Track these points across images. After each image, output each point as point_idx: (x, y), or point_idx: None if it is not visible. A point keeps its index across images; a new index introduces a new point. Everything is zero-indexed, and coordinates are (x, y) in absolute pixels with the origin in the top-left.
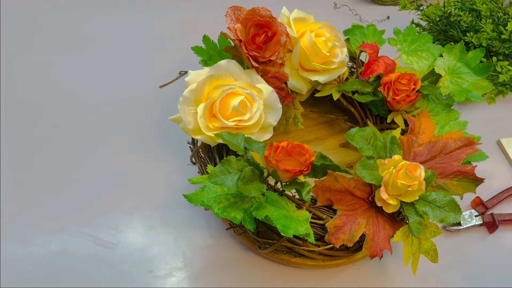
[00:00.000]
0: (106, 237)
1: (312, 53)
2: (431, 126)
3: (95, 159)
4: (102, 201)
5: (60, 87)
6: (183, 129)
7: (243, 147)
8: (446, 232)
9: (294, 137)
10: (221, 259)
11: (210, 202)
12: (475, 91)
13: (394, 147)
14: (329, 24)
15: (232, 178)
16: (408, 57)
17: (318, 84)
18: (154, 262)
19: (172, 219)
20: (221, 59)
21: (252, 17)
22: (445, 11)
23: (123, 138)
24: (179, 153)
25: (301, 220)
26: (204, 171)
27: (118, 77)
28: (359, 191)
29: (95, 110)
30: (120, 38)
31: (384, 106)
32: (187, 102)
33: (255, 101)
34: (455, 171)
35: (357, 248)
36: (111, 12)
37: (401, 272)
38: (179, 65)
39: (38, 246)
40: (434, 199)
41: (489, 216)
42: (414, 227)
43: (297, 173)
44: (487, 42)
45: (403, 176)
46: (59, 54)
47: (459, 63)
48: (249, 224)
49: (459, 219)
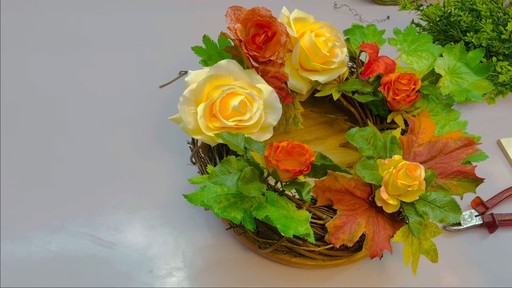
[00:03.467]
0: (106, 237)
1: (312, 53)
2: (431, 126)
3: (95, 159)
4: (102, 201)
5: (60, 87)
6: (183, 129)
7: (243, 147)
8: (446, 232)
9: (294, 137)
10: (221, 259)
11: (210, 202)
12: (475, 91)
13: (394, 147)
14: (329, 24)
15: (232, 178)
16: (408, 57)
17: (318, 84)
18: (154, 262)
19: (172, 219)
20: (221, 59)
21: (252, 17)
22: (445, 11)
23: (123, 138)
24: (179, 153)
25: (301, 220)
26: (204, 171)
27: (118, 77)
28: (359, 191)
29: (95, 110)
30: (120, 38)
31: (384, 106)
32: (187, 102)
33: (255, 101)
34: (455, 171)
35: (357, 248)
36: (111, 12)
37: (401, 272)
38: (179, 65)
39: (38, 246)
40: (434, 199)
41: (489, 216)
42: (414, 227)
43: (297, 173)
44: (487, 42)
45: (403, 176)
46: (59, 54)
47: (459, 63)
48: (249, 224)
49: (459, 219)
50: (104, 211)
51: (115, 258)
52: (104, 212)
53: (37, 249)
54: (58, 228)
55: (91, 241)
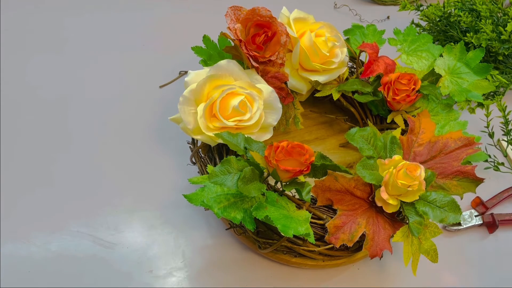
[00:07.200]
0: (106, 237)
1: (312, 53)
2: (431, 126)
3: (95, 159)
4: (102, 201)
5: (60, 87)
6: (183, 129)
7: (243, 147)
8: (446, 232)
9: (294, 137)
10: (221, 259)
11: (210, 202)
12: (475, 91)
13: (394, 147)
14: (329, 24)
15: (232, 178)
16: (408, 57)
17: (318, 84)
18: (154, 262)
19: (172, 219)
20: (221, 59)
21: (252, 17)
22: (445, 12)
23: (123, 138)
24: (179, 153)
25: (301, 220)
26: (204, 171)
27: (118, 77)
28: (359, 191)
29: (95, 110)
30: (120, 38)
31: (384, 106)
32: (187, 102)
33: (255, 101)
34: (455, 171)
35: (357, 248)
36: (111, 12)
37: (401, 272)
38: (179, 65)
39: (38, 246)
40: (434, 199)
41: (489, 216)
42: (414, 227)
43: (297, 173)
44: (487, 42)
45: (403, 176)
46: (59, 54)
47: (459, 63)
48: (249, 224)
49: (459, 219)
50: (104, 211)
51: (115, 258)
52: (104, 212)
53: (37, 249)
54: (58, 228)
55: (91, 241)
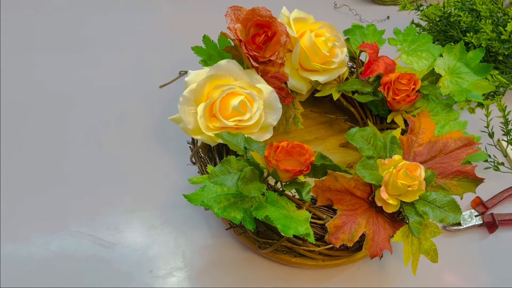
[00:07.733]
0: (106, 237)
1: (312, 53)
2: (431, 126)
3: (95, 159)
4: (102, 201)
5: (60, 87)
6: (183, 129)
7: (243, 147)
8: (446, 232)
9: (294, 137)
10: (221, 259)
11: (210, 202)
12: (475, 91)
13: (394, 147)
14: (329, 24)
15: (232, 178)
16: (408, 57)
17: (318, 84)
18: (154, 262)
19: (172, 219)
20: (221, 59)
21: (252, 17)
22: (445, 11)
23: (123, 138)
24: (179, 153)
25: (301, 220)
26: (204, 171)
27: (118, 77)
28: (359, 191)
29: (95, 110)
30: (120, 38)
31: (384, 106)
32: (187, 102)
33: (255, 101)
34: (455, 171)
35: (357, 248)
36: (110, 12)
37: (401, 272)
38: (179, 65)
39: (38, 246)
40: (434, 199)
41: (489, 216)
42: (414, 227)
43: (297, 173)
44: (487, 42)
45: (403, 176)
46: (59, 54)
47: (459, 63)
48: (249, 224)
49: (459, 219)
50: (104, 211)
51: (115, 258)
52: (104, 212)
53: (37, 249)
54: (58, 228)
55: (91, 241)
